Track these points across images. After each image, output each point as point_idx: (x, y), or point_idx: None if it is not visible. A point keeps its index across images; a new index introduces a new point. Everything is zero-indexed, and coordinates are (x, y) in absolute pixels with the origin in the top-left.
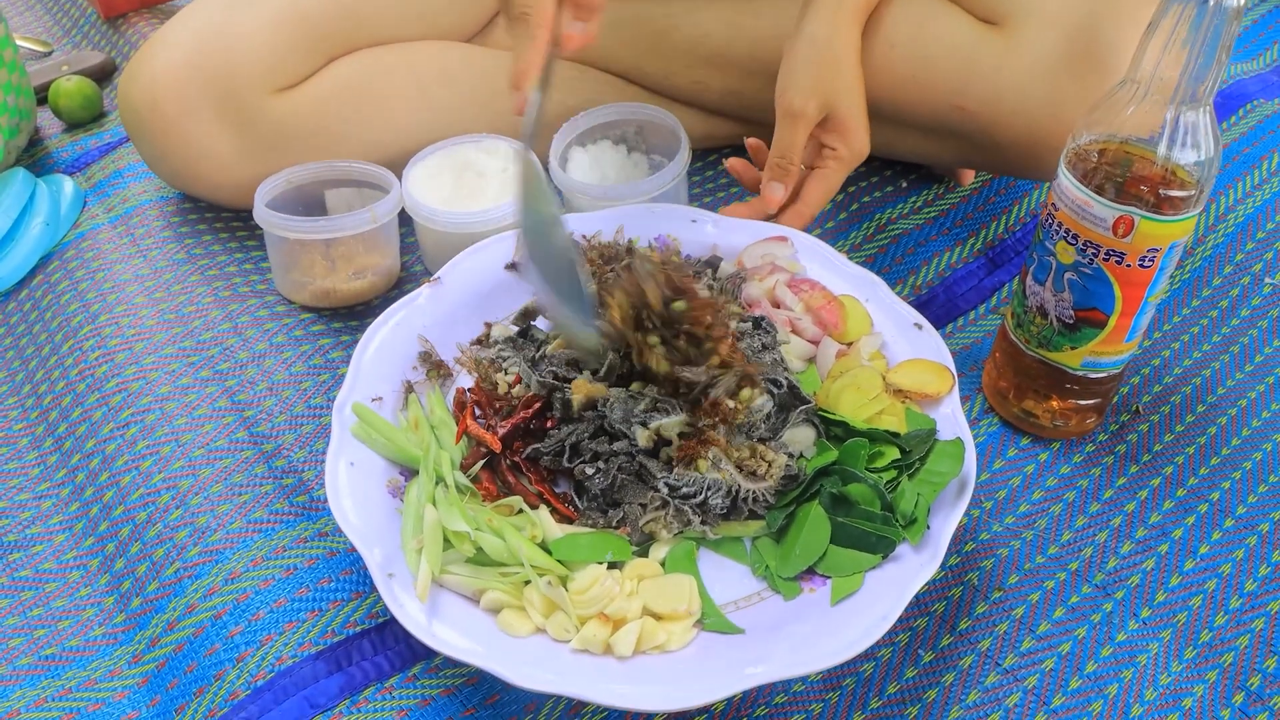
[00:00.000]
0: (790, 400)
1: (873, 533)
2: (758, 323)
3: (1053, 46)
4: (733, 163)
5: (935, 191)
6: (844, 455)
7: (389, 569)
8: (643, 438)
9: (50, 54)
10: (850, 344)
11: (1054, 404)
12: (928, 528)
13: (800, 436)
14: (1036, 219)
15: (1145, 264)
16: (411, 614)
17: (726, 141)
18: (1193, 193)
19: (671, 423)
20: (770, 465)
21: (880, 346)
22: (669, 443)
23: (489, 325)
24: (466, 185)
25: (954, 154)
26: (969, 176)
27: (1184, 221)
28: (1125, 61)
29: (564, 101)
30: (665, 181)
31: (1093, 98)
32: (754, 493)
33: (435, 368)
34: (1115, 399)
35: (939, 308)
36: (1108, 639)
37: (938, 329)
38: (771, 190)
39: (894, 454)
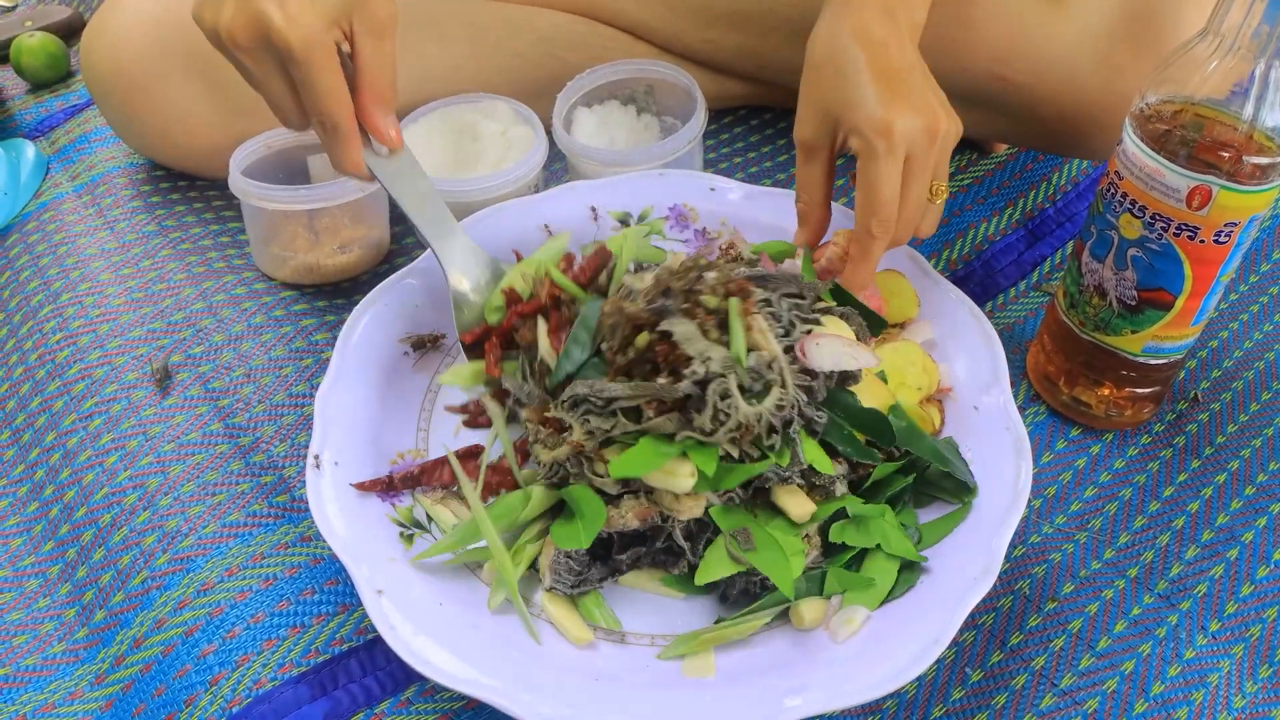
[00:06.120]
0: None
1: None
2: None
3: (1108, 13)
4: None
5: (968, 157)
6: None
7: (378, 584)
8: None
9: (14, 8)
10: (898, 326)
11: (1107, 392)
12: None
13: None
14: (1079, 187)
15: (1220, 240)
16: (404, 637)
17: (742, 101)
18: (1279, 159)
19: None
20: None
21: (927, 336)
22: None
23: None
24: (462, 150)
25: (989, 128)
26: (1001, 145)
27: (1267, 192)
28: (1189, 32)
29: (567, 58)
30: (679, 146)
31: (1148, 71)
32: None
33: (431, 342)
34: (1172, 385)
35: (976, 284)
36: (1175, 656)
37: (978, 307)
38: (796, 235)
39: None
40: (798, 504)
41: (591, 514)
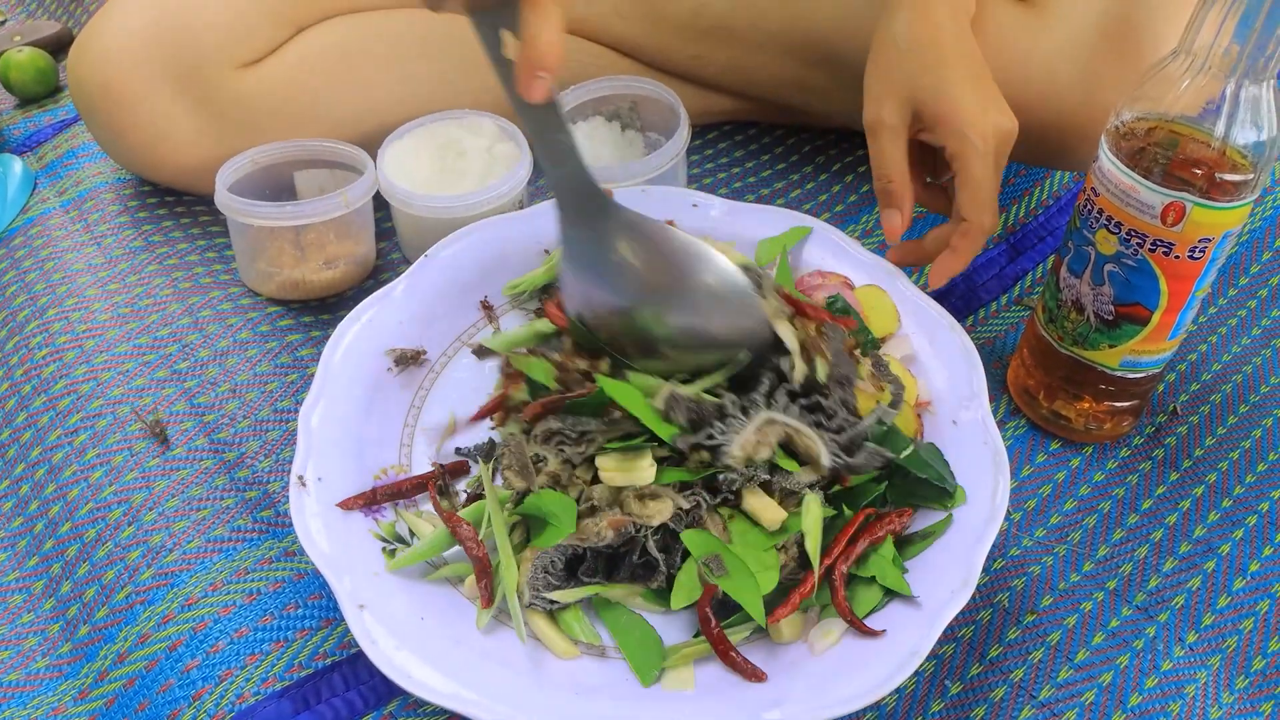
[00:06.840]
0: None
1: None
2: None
3: (1088, 24)
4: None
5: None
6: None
7: (360, 598)
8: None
9: (3, 23)
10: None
11: (1087, 405)
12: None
13: None
14: (1060, 202)
15: (1195, 255)
16: (386, 652)
17: (727, 117)
18: (1250, 177)
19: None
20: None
21: (906, 350)
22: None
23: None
24: (447, 166)
25: None
26: None
27: (1239, 209)
28: (1167, 43)
29: None
30: (664, 161)
31: (1128, 82)
32: None
33: (413, 358)
34: (1151, 399)
35: (958, 299)
36: (1152, 668)
37: (958, 321)
38: (886, 219)
39: None
40: (769, 510)
41: (562, 509)
